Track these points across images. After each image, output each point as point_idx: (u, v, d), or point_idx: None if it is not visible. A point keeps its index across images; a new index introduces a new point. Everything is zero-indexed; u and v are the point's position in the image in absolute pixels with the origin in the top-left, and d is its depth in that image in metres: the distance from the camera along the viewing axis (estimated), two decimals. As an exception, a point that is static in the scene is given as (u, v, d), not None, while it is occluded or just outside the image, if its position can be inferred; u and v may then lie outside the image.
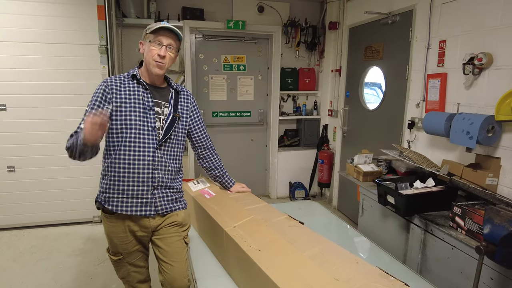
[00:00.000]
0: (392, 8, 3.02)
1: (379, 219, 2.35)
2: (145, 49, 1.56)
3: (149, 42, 1.53)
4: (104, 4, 3.25)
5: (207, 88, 4.13)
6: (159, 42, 1.52)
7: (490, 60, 2.11)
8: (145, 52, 1.56)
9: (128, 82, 1.57)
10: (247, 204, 1.83)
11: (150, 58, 1.53)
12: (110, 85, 1.53)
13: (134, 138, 1.53)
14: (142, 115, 1.54)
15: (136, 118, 1.53)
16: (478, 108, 2.21)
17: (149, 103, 1.57)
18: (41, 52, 3.22)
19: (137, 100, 1.54)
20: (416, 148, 2.77)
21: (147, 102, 1.56)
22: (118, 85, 1.55)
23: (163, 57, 1.53)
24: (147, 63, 1.56)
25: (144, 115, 1.55)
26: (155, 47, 1.52)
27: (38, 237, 3.31)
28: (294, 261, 1.29)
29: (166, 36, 1.53)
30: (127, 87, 1.55)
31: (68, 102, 3.33)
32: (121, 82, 1.56)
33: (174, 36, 1.56)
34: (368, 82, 3.74)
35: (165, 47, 1.53)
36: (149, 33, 1.52)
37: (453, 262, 1.76)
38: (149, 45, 1.53)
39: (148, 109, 1.56)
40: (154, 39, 1.52)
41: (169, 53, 1.55)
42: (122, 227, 1.60)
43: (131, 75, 1.58)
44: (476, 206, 1.76)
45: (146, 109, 1.55)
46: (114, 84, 1.54)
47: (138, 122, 1.53)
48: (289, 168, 4.46)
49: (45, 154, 3.38)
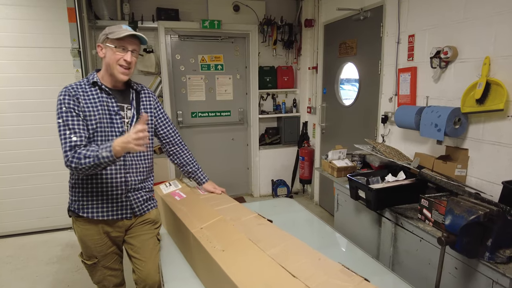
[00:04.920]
0: (364, 4, 3.04)
1: (353, 213, 2.37)
2: (107, 54, 1.52)
3: (113, 47, 1.49)
4: (75, 6, 3.19)
5: (185, 89, 4.10)
6: (123, 47, 1.50)
7: (455, 53, 2.14)
8: (107, 57, 1.52)
9: (90, 89, 1.53)
10: (217, 204, 1.82)
11: (114, 63, 1.50)
12: (75, 94, 1.48)
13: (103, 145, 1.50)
14: (108, 121, 1.53)
15: (103, 125, 1.52)
16: (446, 101, 2.24)
17: (114, 108, 1.55)
18: (11, 56, 3.15)
19: (102, 107, 1.52)
20: (390, 142, 2.80)
21: (112, 108, 1.55)
22: (81, 93, 1.50)
23: (129, 62, 1.51)
24: (111, 68, 1.52)
25: (111, 121, 1.54)
26: (120, 52, 1.50)
27: (15, 246, 3.24)
28: (256, 260, 1.28)
29: (131, 41, 1.51)
30: (89, 95, 1.52)
31: (41, 107, 3.26)
32: (83, 90, 1.51)
33: (138, 41, 1.55)
34: (348, 78, 3.77)
35: (130, 52, 1.51)
36: (113, 38, 1.48)
37: (421, 254, 1.78)
38: (113, 50, 1.49)
39: (114, 114, 1.55)
40: (118, 44, 1.49)
41: (134, 58, 1.54)
42: (96, 229, 1.60)
43: (91, 82, 1.54)
44: (443, 198, 1.79)
45: (112, 115, 1.54)
46: (77, 94, 1.49)
47: (106, 129, 1.52)
48: (271, 166, 4.46)
49: (20, 161, 3.31)
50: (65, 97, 1.47)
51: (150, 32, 3.81)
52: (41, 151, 3.34)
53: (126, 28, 1.50)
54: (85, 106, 1.49)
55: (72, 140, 1.41)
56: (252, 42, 4.14)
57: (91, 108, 1.50)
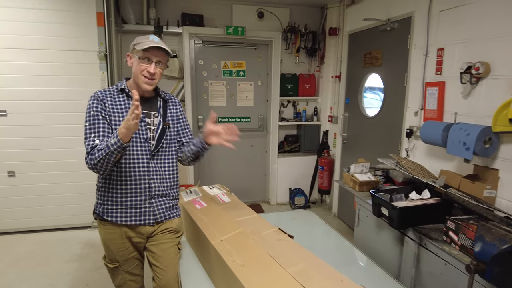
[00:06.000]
0: (391, 15, 2.98)
1: (374, 230, 2.31)
2: (134, 64, 1.55)
3: (138, 58, 1.52)
4: (103, 11, 3.27)
5: (207, 94, 4.13)
6: (148, 58, 1.52)
7: (487, 69, 2.07)
8: (134, 67, 1.56)
9: (117, 96, 1.58)
10: (237, 215, 1.82)
11: (139, 73, 1.53)
12: (102, 99, 1.54)
13: (128, 150, 1.54)
14: None
15: None
16: (476, 118, 2.17)
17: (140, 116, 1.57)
18: (41, 58, 3.26)
19: (127, 113, 1.54)
20: (414, 157, 2.73)
21: None
22: (109, 99, 1.56)
23: (152, 74, 1.53)
24: (136, 78, 1.56)
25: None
26: (145, 63, 1.52)
27: (37, 242, 3.33)
28: (276, 278, 1.27)
29: (155, 53, 1.53)
30: (117, 101, 1.57)
31: (67, 107, 3.36)
32: (111, 96, 1.57)
33: (164, 52, 1.56)
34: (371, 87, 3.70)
35: (154, 63, 1.53)
36: (139, 49, 1.51)
37: (446, 278, 1.71)
38: (138, 61, 1.52)
39: (139, 121, 1.56)
40: (143, 56, 1.51)
41: (158, 69, 1.55)
42: (119, 233, 1.62)
43: (119, 89, 1.59)
44: (471, 220, 1.72)
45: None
46: (105, 99, 1.55)
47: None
48: (289, 174, 4.43)
49: (45, 159, 3.41)
50: (94, 101, 1.53)
51: (174, 37, 3.86)
52: (65, 151, 3.43)
53: (153, 39, 1.52)
54: (111, 111, 1.54)
55: (94, 143, 1.46)
56: (275, 49, 4.13)
57: (116, 113, 1.54)
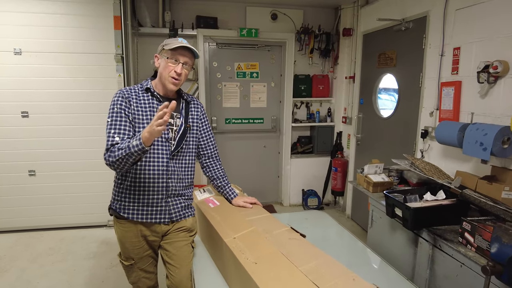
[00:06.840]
0: (406, 15, 2.95)
1: (388, 231, 2.29)
2: (161, 64, 1.60)
3: (166, 58, 1.56)
4: (120, 14, 3.35)
5: (220, 95, 4.17)
6: (176, 59, 1.56)
7: (506, 68, 2.02)
8: (161, 67, 1.60)
9: (142, 94, 1.62)
10: (249, 214, 1.83)
11: (166, 74, 1.57)
12: (128, 96, 1.58)
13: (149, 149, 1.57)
14: None
15: None
16: (493, 118, 2.12)
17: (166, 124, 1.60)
18: (60, 61, 3.36)
19: (152, 112, 1.59)
20: (429, 158, 2.69)
21: None
22: (134, 97, 1.59)
23: (179, 74, 1.57)
24: (162, 78, 1.60)
25: None
26: (172, 63, 1.56)
27: (56, 239, 3.43)
28: (288, 275, 1.27)
29: (183, 54, 1.57)
30: (141, 100, 1.60)
31: (85, 109, 3.46)
32: (136, 94, 1.60)
33: (191, 54, 1.60)
34: (386, 88, 3.67)
35: (181, 64, 1.57)
36: (167, 49, 1.56)
37: (462, 280, 1.68)
38: (166, 61, 1.57)
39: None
40: (171, 56, 1.56)
41: (184, 70, 1.59)
42: (135, 231, 1.66)
43: (145, 88, 1.63)
44: (487, 222, 1.69)
45: None
46: (130, 96, 1.58)
47: None
48: (302, 176, 4.42)
49: (64, 159, 3.52)
50: (119, 99, 1.56)
51: (189, 40, 3.89)
52: (84, 151, 3.53)
53: (182, 41, 1.57)
54: (135, 109, 1.57)
55: (114, 140, 1.49)
56: (288, 50, 4.14)
57: (140, 112, 1.58)
